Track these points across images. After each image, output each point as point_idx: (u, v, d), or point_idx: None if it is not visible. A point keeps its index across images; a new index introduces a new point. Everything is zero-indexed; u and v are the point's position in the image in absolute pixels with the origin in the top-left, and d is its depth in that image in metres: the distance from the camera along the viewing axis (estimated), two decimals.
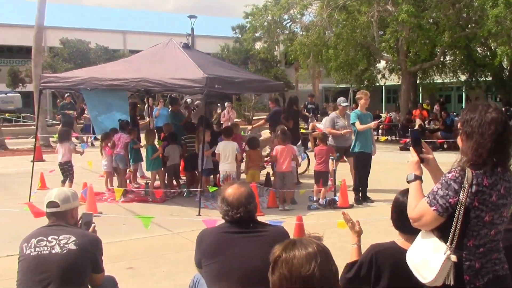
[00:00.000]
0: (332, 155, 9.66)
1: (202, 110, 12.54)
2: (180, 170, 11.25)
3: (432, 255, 2.60)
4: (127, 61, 11.64)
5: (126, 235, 7.35)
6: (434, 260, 2.58)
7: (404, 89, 23.40)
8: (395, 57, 23.23)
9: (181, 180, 11.43)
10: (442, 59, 25.02)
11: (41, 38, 20.54)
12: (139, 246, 6.94)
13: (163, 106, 17.83)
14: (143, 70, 9.60)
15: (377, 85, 29.31)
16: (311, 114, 20.26)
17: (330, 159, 9.61)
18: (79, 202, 4.04)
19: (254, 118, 31.90)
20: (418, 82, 27.80)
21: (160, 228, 7.65)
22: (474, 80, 27.21)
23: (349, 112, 10.37)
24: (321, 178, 9.42)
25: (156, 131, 12.82)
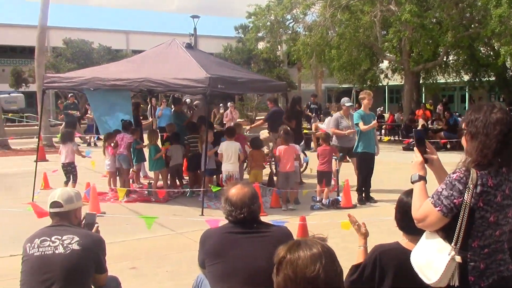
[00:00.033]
0: (335, 155, 9.65)
1: (201, 110, 12.60)
2: (183, 170, 11.26)
3: (436, 256, 2.59)
4: (130, 61, 11.65)
5: (129, 235, 7.36)
6: (438, 260, 2.57)
7: (407, 89, 23.36)
8: (398, 57, 23.19)
9: (184, 180, 11.44)
10: (445, 59, 24.96)
11: (44, 38, 20.56)
12: (142, 246, 6.94)
13: (166, 106, 17.82)
14: (146, 70, 9.60)
15: (380, 85, 29.27)
16: (314, 114, 20.24)
17: (333, 159, 9.61)
18: (82, 202, 4.04)
19: (256, 118, 31.83)
20: (421, 82, 27.75)
21: (163, 228, 7.64)
22: (477, 80, 27.17)
23: (353, 112, 10.36)
24: (324, 178, 9.41)
25: (159, 131, 12.82)
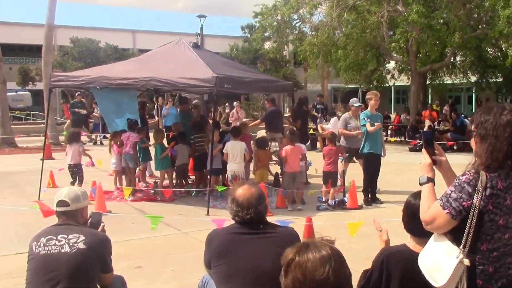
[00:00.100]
0: (341, 156, 9.63)
1: (200, 109, 12.66)
2: (188, 169, 11.27)
3: (444, 259, 2.56)
4: (137, 60, 11.67)
5: (134, 234, 7.36)
6: (446, 263, 2.54)
7: (413, 89, 23.28)
8: (405, 57, 23.12)
9: (189, 179, 11.44)
10: (452, 60, 24.86)
11: (51, 37, 20.64)
12: (148, 245, 6.94)
13: (172, 105, 17.87)
14: (153, 69, 9.61)
15: (386, 85, 29.19)
16: (320, 115, 20.21)
17: (339, 160, 9.58)
18: (88, 200, 4.03)
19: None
20: (427, 83, 27.65)
21: (168, 227, 7.64)
22: (484, 81, 27.02)
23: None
24: (330, 178, 9.38)
25: (165, 131, 12.84)
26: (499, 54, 23.97)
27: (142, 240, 7.15)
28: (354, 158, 10.47)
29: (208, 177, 9.57)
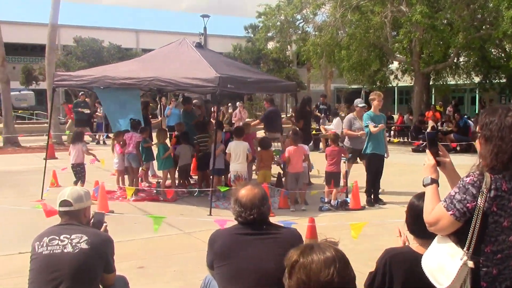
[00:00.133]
0: (344, 156, 9.61)
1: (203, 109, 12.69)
2: (191, 169, 11.26)
3: (448, 261, 2.55)
4: (140, 60, 11.67)
5: (137, 234, 7.35)
6: (450, 265, 2.53)
7: (417, 90, 23.23)
8: (408, 58, 23.07)
9: (191, 179, 11.44)
10: (455, 60, 24.80)
11: (55, 36, 20.68)
12: (150, 245, 6.94)
13: (175, 107, 17.85)
14: (156, 69, 9.61)
15: (389, 86, 29.14)
16: (323, 115, 20.19)
17: (342, 160, 9.56)
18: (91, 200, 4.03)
19: None
20: (431, 84, 27.59)
21: (171, 227, 7.64)
22: (488, 82, 26.96)
23: None
24: (332, 179, 9.36)
25: (167, 130, 12.84)
26: (503, 55, 23.90)
27: (145, 240, 7.14)
28: (358, 159, 10.45)
29: (211, 177, 9.56)
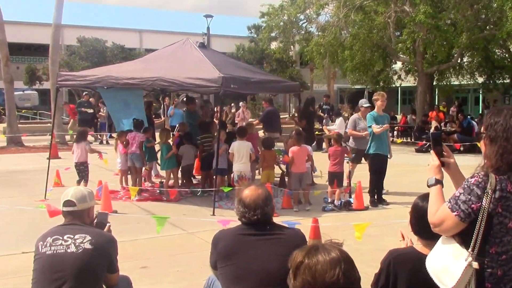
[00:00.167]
0: (347, 156, 9.59)
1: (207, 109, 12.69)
2: (194, 169, 11.26)
3: (453, 262, 2.54)
4: (143, 60, 11.67)
5: (140, 234, 7.35)
6: (455, 266, 2.52)
7: (420, 90, 23.19)
8: (412, 58, 23.03)
9: (194, 179, 11.44)
10: (459, 61, 24.75)
11: (58, 36, 20.70)
12: (153, 245, 6.94)
13: (174, 107, 17.86)
14: (159, 69, 9.61)
15: (392, 86, 29.09)
16: (326, 115, 20.17)
17: (345, 160, 9.54)
18: (95, 200, 4.03)
19: None
20: (434, 84, 27.54)
21: (174, 227, 7.63)
22: (492, 82, 26.89)
23: None
24: (335, 179, 9.35)
25: (170, 130, 12.84)
26: (507, 55, 23.86)
27: (148, 240, 7.14)
28: (364, 159, 10.42)
29: (214, 177, 9.56)
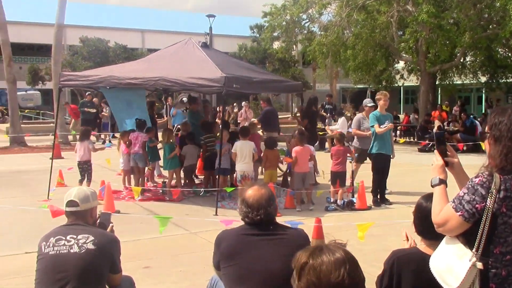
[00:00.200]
0: (349, 156, 9.57)
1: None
2: (196, 169, 11.26)
3: (457, 262, 2.53)
4: (146, 60, 11.68)
5: (143, 234, 7.35)
6: (459, 267, 2.51)
7: (423, 90, 23.14)
8: (415, 57, 22.98)
9: (197, 179, 11.43)
10: (462, 60, 24.69)
11: (61, 36, 20.74)
12: (156, 245, 6.93)
13: (173, 107, 17.86)
14: (162, 69, 9.61)
15: (395, 86, 29.04)
16: (329, 115, 20.16)
17: (348, 160, 9.53)
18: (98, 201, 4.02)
19: None
20: (437, 83, 27.49)
21: (177, 227, 7.63)
22: (494, 81, 26.83)
23: None
24: (338, 178, 9.33)
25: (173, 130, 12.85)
26: (510, 54, 23.78)
27: (151, 240, 7.14)
28: (368, 159, 10.40)
29: (217, 177, 9.55)
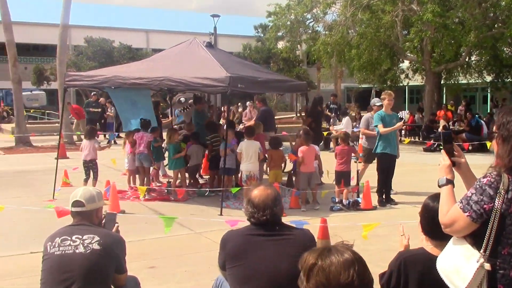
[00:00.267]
0: (354, 155, 9.55)
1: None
2: (201, 169, 11.25)
3: (464, 263, 2.51)
4: (150, 60, 11.68)
5: (148, 234, 7.35)
6: (466, 268, 2.49)
7: (428, 89, 23.08)
8: (419, 57, 22.91)
9: (202, 179, 11.42)
10: (467, 59, 24.58)
11: (66, 37, 20.78)
12: (161, 245, 6.93)
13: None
14: (166, 69, 9.61)
15: (400, 85, 28.96)
16: (334, 114, 20.12)
17: (352, 160, 9.51)
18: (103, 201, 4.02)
19: (275, 117, 31.74)
20: (442, 83, 27.40)
21: (182, 227, 7.63)
22: (500, 80, 26.71)
23: None
24: (342, 178, 9.31)
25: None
26: None
27: (156, 240, 7.14)
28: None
29: (222, 177, 9.55)
